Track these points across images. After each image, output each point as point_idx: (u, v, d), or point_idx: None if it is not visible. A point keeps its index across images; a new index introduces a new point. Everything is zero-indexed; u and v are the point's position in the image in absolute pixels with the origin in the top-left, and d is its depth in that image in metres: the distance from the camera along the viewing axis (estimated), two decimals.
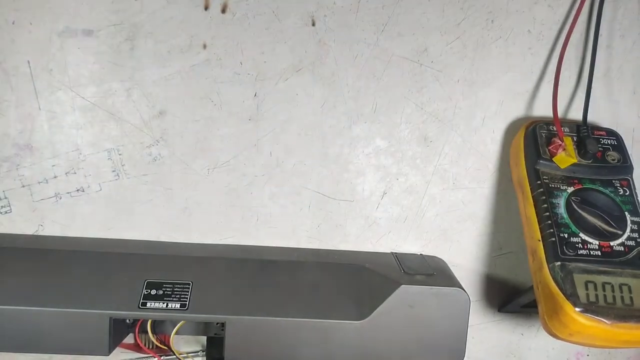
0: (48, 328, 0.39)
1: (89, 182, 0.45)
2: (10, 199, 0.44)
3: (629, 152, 0.45)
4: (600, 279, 0.39)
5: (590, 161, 0.44)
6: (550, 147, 0.44)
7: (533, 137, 0.45)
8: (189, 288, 0.41)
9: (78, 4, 0.43)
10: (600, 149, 0.44)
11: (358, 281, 0.43)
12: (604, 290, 0.39)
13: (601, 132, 0.46)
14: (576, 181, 0.43)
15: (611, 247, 0.41)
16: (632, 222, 0.42)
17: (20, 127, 0.43)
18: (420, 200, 0.48)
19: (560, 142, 0.44)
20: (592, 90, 0.46)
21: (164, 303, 0.40)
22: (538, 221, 0.42)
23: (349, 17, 0.45)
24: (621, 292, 0.39)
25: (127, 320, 0.43)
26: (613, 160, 0.44)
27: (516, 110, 0.48)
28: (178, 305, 0.40)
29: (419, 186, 0.48)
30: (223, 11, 0.43)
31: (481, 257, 0.49)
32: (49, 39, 0.43)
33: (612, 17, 0.47)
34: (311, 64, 0.45)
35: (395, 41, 0.45)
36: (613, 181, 0.44)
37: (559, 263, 0.40)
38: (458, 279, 0.44)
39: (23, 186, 0.44)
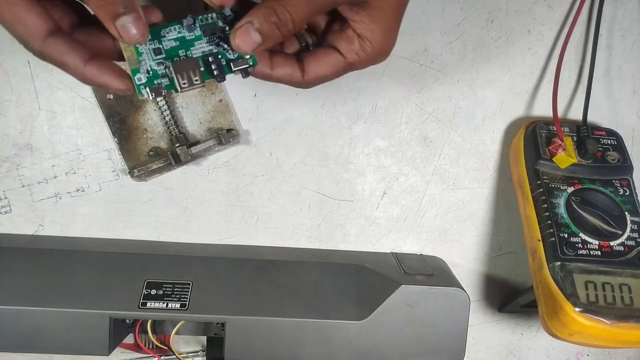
0: (48, 328, 0.39)
1: (89, 182, 0.45)
2: (10, 199, 0.44)
3: (629, 152, 0.45)
4: (600, 279, 0.39)
5: (590, 161, 0.44)
6: (550, 147, 0.44)
7: (533, 137, 0.45)
8: (189, 288, 0.41)
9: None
10: (600, 149, 0.44)
11: (358, 281, 0.43)
12: (604, 290, 0.39)
13: (601, 132, 0.46)
14: (576, 181, 0.43)
15: (611, 247, 0.41)
16: (632, 222, 0.42)
17: (20, 127, 0.43)
18: (420, 200, 0.48)
19: (560, 142, 0.44)
20: (592, 90, 0.46)
21: (164, 303, 0.40)
22: (538, 221, 0.42)
23: None
24: (621, 292, 0.39)
25: (127, 320, 0.43)
26: (613, 160, 0.44)
27: (516, 110, 0.48)
28: (178, 305, 0.40)
29: (419, 186, 0.48)
30: None
31: (481, 257, 0.49)
32: None
33: (612, 17, 0.47)
34: None
35: None
36: (613, 181, 0.44)
37: (558, 263, 0.40)
38: (458, 279, 0.44)
39: (23, 186, 0.44)
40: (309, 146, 0.46)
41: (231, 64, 0.33)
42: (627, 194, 0.43)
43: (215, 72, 0.33)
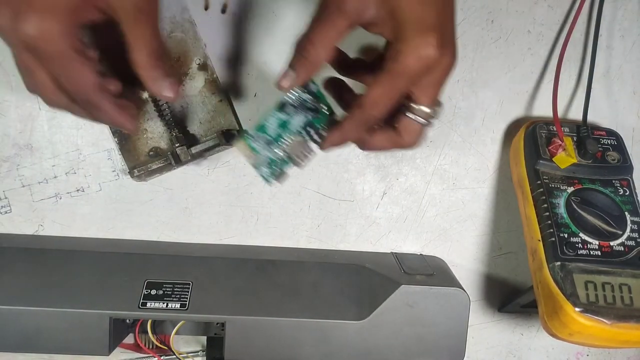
0: (48, 328, 0.39)
1: (89, 182, 0.45)
2: (10, 199, 0.44)
3: (629, 152, 0.45)
4: (600, 279, 0.39)
5: (590, 161, 0.44)
6: (550, 147, 0.44)
7: (533, 137, 0.45)
8: (189, 288, 0.41)
9: None
10: (600, 149, 0.44)
11: (358, 281, 0.43)
12: (603, 290, 0.39)
13: (601, 132, 0.46)
14: (576, 181, 0.43)
15: (611, 247, 0.41)
16: (632, 222, 0.42)
17: (20, 127, 0.43)
18: (420, 200, 0.48)
19: (560, 142, 0.44)
20: (592, 90, 0.46)
21: (164, 303, 0.40)
22: (538, 221, 0.42)
23: None
24: (621, 292, 0.39)
25: (127, 320, 0.43)
26: (613, 160, 0.44)
27: (516, 110, 0.48)
28: (178, 305, 0.40)
29: (419, 186, 0.48)
30: (223, 11, 0.43)
31: (481, 257, 0.49)
32: None
33: (612, 17, 0.47)
34: None
35: None
36: (613, 181, 0.44)
37: (558, 263, 0.40)
38: (458, 279, 0.44)
39: (23, 186, 0.44)
40: None
41: (321, 125, 0.37)
42: (627, 194, 0.43)
43: (314, 138, 0.37)
